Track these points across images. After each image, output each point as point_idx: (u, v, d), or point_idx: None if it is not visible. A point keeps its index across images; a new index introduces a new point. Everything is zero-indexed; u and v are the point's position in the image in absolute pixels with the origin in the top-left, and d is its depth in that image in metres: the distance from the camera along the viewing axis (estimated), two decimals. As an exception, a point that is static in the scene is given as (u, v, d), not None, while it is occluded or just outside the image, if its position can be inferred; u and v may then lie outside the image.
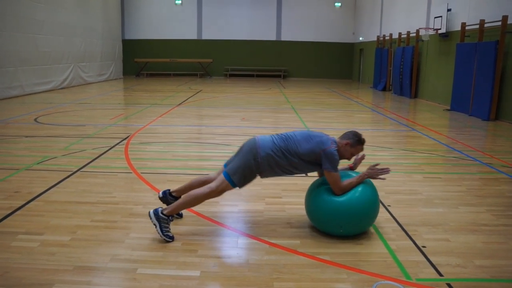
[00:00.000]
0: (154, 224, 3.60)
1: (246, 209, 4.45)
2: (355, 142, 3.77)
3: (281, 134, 3.83)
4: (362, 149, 3.85)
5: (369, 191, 3.69)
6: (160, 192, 4.11)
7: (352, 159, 4.00)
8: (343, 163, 3.93)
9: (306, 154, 3.65)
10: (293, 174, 3.83)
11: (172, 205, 3.68)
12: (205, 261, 3.30)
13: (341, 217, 3.61)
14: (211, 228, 3.93)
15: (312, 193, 3.83)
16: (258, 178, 3.80)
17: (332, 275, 3.14)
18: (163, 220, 3.60)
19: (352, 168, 4.02)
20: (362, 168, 4.01)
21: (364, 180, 3.71)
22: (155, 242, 3.58)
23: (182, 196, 3.85)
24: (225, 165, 3.83)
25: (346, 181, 3.66)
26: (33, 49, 15.56)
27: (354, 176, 3.73)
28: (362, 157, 3.99)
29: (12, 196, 4.62)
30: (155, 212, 3.62)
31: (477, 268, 3.25)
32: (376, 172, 3.70)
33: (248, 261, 3.31)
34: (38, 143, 7.40)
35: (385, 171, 3.72)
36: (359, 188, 3.66)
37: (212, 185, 3.68)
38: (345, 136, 3.81)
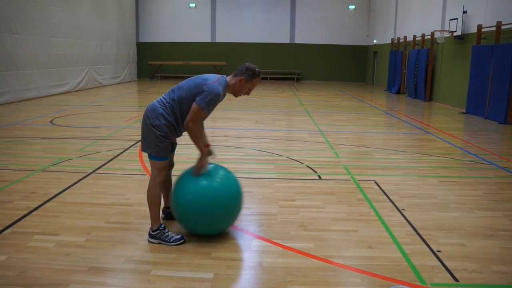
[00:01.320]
0: (159, 243, 3.60)
1: (260, 212, 4.44)
2: (250, 76, 3.62)
3: (171, 88, 3.71)
4: (258, 82, 3.71)
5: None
6: (162, 214, 4.08)
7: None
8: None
9: (190, 93, 3.50)
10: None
11: (150, 217, 3.66)
12: (219, 263, 3.31)
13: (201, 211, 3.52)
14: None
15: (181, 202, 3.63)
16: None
17: (346, 279, 3.12)
18: (158, 235, 3.60)
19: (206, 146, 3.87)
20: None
21: (200, 151, 3.68)
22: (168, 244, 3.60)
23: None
24: (142, 150, 3.76)
25: (199, 132, 3.60)
26: (49, 52, 15.78)
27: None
28: (208, 146, 3.86)
29: (28, 197, 4.68)
30: (149, 235, 3.64)
31: (494, 273, 3.20)
32: (204, 164, 3.68)
33: (261, 264, 3.31)
34: (54, 145, 7.49)
35: (203, 170, 3.66)
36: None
37: (151, 173, 3.66)
38: (237, 72, 3.65)
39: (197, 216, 3.56)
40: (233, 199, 3.66)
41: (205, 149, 3.70)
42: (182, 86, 3.62)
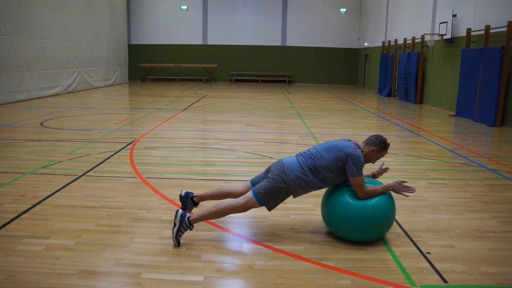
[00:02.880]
0: (174, 224, 3.60)
1: (250, 214, 4.44)
2: (381, 148, 3.80)
3: (305, 152, 3.85)
4: (386, 153, 3.88)
5: (387, 200, 3.69)
6: (183, 191, 4.06)
7: (376, 164, 4.03)
8: (365, 170, 3.90)
9: (332, 164, 3.66)
10: (323, 188, 3.84)
11: (199, 215, 3.68)
12: (209, 266, 3.31)
13: (356, 222, 3.60)
14: (215, 233, 3.94)
15: (330, 196, 3.82)
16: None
17: (336, 281, 3.13)
18: (184, 225, 3.60)
19: (374, 176, 4.03)
20: (384, 180, 4.01)
21: (388, 190, 3.71)
22: (159, 247, 3.59)
23: (208, 207, 3.77)
24: (251, 182, 3.89)
25: (371, 187, 3.66)
26: (40, 54, 15.68)
27: (379, 185, 3.73)
28: (386, 170, 4.01)
29: (17, 200, 4.64)
30: (183, 215, 3.62)
31: (483, 275, 3.23)
32: (401, 187, 3.69)
33: (252, 267, 3.31)
34: (44, 147, 7.44)
35: (411, 189, 3.69)
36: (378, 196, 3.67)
37: (240, 200, 3.69)
38: (370, 142, 3.81)
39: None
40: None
41: (386, 187, 3.71)
42: (321, 155, 3.72)
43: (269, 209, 3.76)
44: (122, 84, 24.14)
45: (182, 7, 26.57)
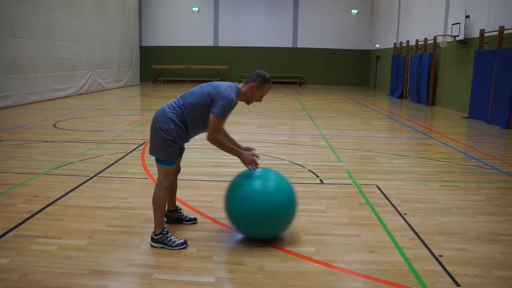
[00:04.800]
0: (162, 247, 3.59)
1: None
2: (260, 82, 3.62)
3: (181, 94, 3.74)
4: (270, 88, 3.71)
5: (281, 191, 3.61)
6: (165, 218, 4.04)
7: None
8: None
9: (203, 100, 3.53)
10: (202, 129, 3.67)
11: (154, 221, 3.66)
12: (220, 267, 3.31)
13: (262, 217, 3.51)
14: (226, 234, 3.94)
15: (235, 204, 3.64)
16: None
17: (347, 283, 3.12)
18: (161, 239, 3.59)
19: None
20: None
21: (236, 154, 3.63)
22: (170, 248, 3.60)
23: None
24: (150, 153, 3.74)
25: (223, 139, 3.59)
26: (53, 56, 15.85)
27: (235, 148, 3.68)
28: (255, 154, 3.80)
29: (31, 200, 4.69)
30: (151, 239, 3.63)
31: (497, 279, 3.19)
32: (250, 159, 3.62)
33: (263, 268, 3.31)
34: (57, 148, 7.51)
35: (254, 164, 3.63)
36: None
37: (158, 177, 3.66)
38: (248, 79, 3.66)
39: (260, 220, 3.54)
40: (290, 202, 3.66)
41: (236, 151, 3.67)
42: (193, 92, 3.64)
43: (173, 161, 3.63)
44: (133, 85, 24.30)
45: (194, 9, 26.69)
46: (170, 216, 4.08)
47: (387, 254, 3.58)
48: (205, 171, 6.21)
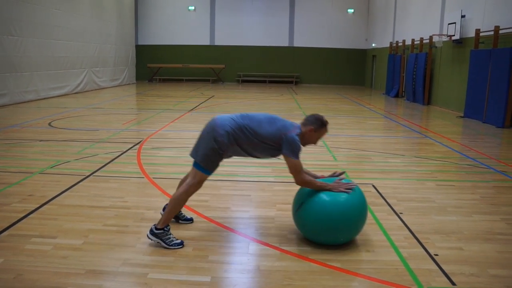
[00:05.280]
0: (158, 242, 3.58)
1: (257, 215, 4.44)
2: (319, 126, 3.66)
3: (243, 113, 3.73)
4: (326, 132, 3.74)
5: (353, 194, 3.57)
6: (161, 210, 4.14)
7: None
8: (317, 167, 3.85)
9: (267, 137, 3.54)
10: (254, 156, 3.72)
11: (164, 216, 3.66)
12: (216, 266, 3.31)
13: (337, 228, 3.53)
14: (222, 233, 3.94)
15: (299, 213, 3.68)
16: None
17: (343, 282, 3.12)
18: (161, 234, 3.58)
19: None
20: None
21: (327, 190, 3.56)
22: (166, 247, 3.59)
23: (169, 203, 3.77)
24: (191, 155, 3.74)
25: (309, 177, 3.60)
26: (49, 54, 15.79)
27: (320, 180, 3.64)
28: (341, 174, 3.83)
29: (26, 199, 4.67)
30: (151, 231, 3.61)
31: (492, 277, 3.20)
32: (340, 186, 3.57)
33: (259, 267, 3.31)
34: (52, 147, 7.48)
35: (350, 186, 3.58)
36: (343, 196, 3.53)
37: (189, 180, 3.66)
38: (307, 122, 3.67)
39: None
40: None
41: (324, 185, 3.60)
42: (258, 120, 3.62)
43: (211, 171, 3.64)
44: (129, 84, 24.24)
45: (190, 7, 26.64)
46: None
47: (383, 253, 3.58)
48: (201, 170, 6.19)
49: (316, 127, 3.65)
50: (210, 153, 3.57)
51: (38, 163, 6.30)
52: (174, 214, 3.71)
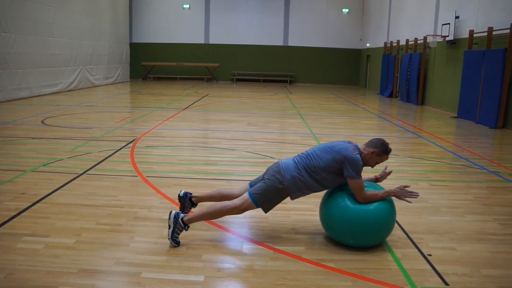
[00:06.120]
0: (169, 225, 3.58)
1: (251, 214, 4.43)
2: (382, 151, 3.69)
3: (302, 153, 3.79)
4: (387, 158, 3.77)
5: (387, 205, 3.59)
6: (182, 192, 4.09)
7: (380, 167, 3.92)
8: (366, 171, 3.83)
9: (329, 165, 3.59)
10: (322, 190, 3.78)
11: (193, 215, 3.67)
12: (209, 266, 3.30)
13: (354, 226, 3.54)
14: (216, 233, 3.93)
15: (328, 199, 3.75)
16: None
17: (337, 282, 3.12)
18: (178, 226, 3.57)
19: (377, 180, 3.94)
20: (386, 183, 3.98)
21: (389, 196, 3.60)
22: (159, 246, 3.58)
23: (204, 207, 3.77)
24: (250, 185, 3.85)
25: (370, 192, 3.57)
26: (42, 52, 15.68)
27: (380, 190, 3.64)
28: (389, 173, 3.91)
29: (18, 198, 4.63)
30: (176, 215, 3.59)
31: (484, 277, 3.22)
32: (404, 193, 3.57)
33: (252, 267, 3.30)
34: (45, 145, 7.43)
35: (414, 195, 3.58)
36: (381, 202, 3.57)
37: (236, 202, 3.66)
38: (371, 144, 3.72)
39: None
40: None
41: (387, 192, 3.59)
42: (318, 155, 3.66)
43: (265, 210, 3.72)
44: (123, 82, 24.14)
45: (184, 6, 26.56)
46: (185, 200, 4.02)
47: (377, 253, 3.59)
48: (194, 169, 6.18)
49: (379, 152, 3.69)
50: (270, 193, 3.64)
51: (31, 161, 6.26)
52: (205, 220, 3.76)
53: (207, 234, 3.87)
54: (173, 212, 3.62)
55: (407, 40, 17.75)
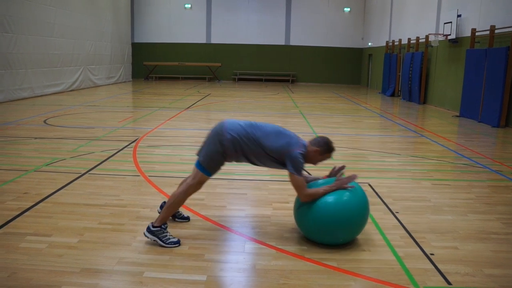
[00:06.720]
0: (154, 240, 3.57)
1: (253, 213, 4.44)
2: (324, 150, 3.67)
3: (252, 121, 3.76)
4: (330, 157, 3.76)
5: (354, 194, 3.58)
6: (159, 207, 4.16)
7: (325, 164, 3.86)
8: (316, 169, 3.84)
9: (271, 150, 3.56)
10: (256, 164, 3.75)
11: (161, 214, 3.65)
12: (212, 265, 3.30)
13: (337, 228, 3.53)
14: (218, 232, 3.93)
15: (300, 211, 3.70)
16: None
17: (339, 282, 3.12)
18: (158, 232, 3.57)
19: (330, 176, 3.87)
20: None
21: (331, 191, 3.57)
22: (162, 246, 3.58)
23: (167, 201, 3.76)
24: (197, 153, 3.74)
25: (312, 189, 3.58)
26: (44, 52, 15.70)
27: (322, 186, 3.62)
28: (342, 167, 3.83)
29: (21, 197, 4.65)
30: (147, 229, 3.60)
31: (487, 277, 3.21)
32: (343, 182, 3.58)
33: (255, 266, 3.30)
34: (47, 145, 7.45)
35: (352, 178, 3.59)
36: (344, 196, 3.54)
37: (189, 180, 3.67)
38: (315, 142, 3.69)
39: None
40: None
41: (329, 187, 3.59)
42: (266, 132, 3.64)
43: (212, 174, 3.64)
44: (125, 82, 24.16)
45: (186, 5, 26.56)
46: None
47: (379, 252, 3.59)
48: (197, 169, 6.17)
49: (322, 150, 3.67)
50: (213, 155, 3.58)
51: (33, 160, 6.27)
52: (172, 213, 3.70)
53: (209, 234, 3.87)
54: (144, 231, 3.62)
55: (409, 39, 17.72)
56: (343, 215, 3.50)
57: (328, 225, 3.53)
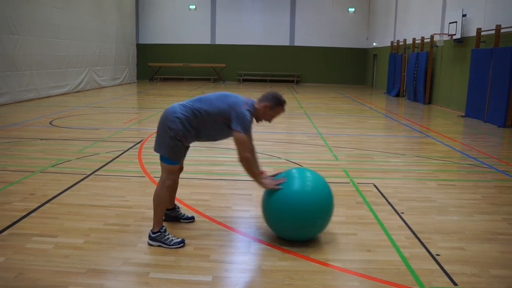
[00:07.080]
0: (159, 245, 3.58)
1: (258, 214, 4.42)
2: (275, 104, 3.62)
3: (200, 96, 3.70)
4: (283, 111, 3.70)
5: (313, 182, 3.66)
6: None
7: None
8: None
9: (218, 113, 3.51)
10: (214, 139, 3.71)
11: (153, 219, 3.65)
12: (217, 266, 3.30)
13: (316, 212, 3.55)
14: (223, 233, 3.93)
15: (269, 206, 3.69)
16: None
17: (344, 282, 3.11)
18: (159, 237, 3.58)
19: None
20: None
21: (258, 183, 3.65)
22: (167, 247, 3.58)
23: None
24: (155, 150, 3.71)
25: (253, 158, 3.60)
26: (49, 53, 15.79)
27: (274, 179, 3.66)
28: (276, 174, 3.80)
29: (27, 198, 4.67)
30: (149, 237, 3.61)
31: (493, 277, 3.19)
32: (269, 184, 3.62)
33: (260, 267, 3.30)
34: (53, 146, 7.48)
35: (278, 182, 3.60)
36: (307, 186, 3.63)
37: (161, 176, 3.66)
38: (263, 98, 3.64)
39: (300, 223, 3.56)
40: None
41: (261, 182, 3.64)
42: (209, 100, 3.60)
43: (177, 160, 3.62)
44: (130, 83, 24.24)
45: (191, 6, 26.62)
46: (167, 215, 4.06)
47: (384, 253, 3.58)
48: (200, 170, 6.19)
49: (272, 105, 3.62)
50: (168, 143, 3.53)
51: (39, 162, 6.30)
52: (162, 212, 3.68)
53: (215, 234, 3.88)
54: (147, 240, 3.62)
55: (414, 39, 17.67)
56: (303, 200, 3.52)
57: (295, 213, 3.52)
